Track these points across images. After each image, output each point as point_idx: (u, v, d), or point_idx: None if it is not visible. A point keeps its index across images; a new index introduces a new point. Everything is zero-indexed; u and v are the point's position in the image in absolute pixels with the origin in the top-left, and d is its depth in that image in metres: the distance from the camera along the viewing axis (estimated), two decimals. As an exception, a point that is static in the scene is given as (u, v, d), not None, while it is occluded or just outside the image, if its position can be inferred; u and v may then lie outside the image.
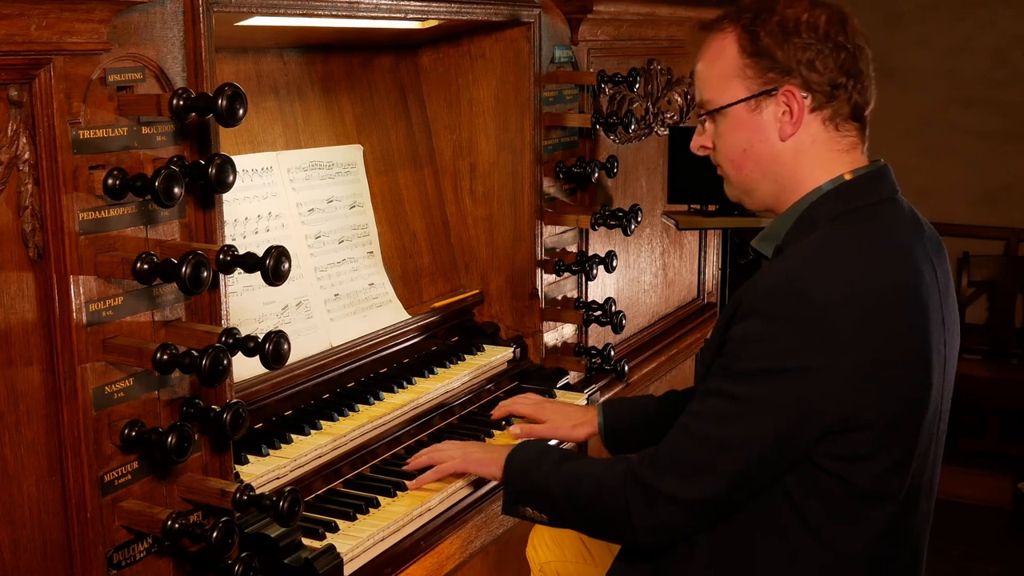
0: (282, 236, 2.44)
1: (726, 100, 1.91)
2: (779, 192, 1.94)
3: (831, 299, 1.73)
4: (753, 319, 1.78)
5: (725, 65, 1.91)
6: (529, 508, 2.08)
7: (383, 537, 2.08)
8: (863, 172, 1.90)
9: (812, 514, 1.83)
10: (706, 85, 1.96)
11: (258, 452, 2.12)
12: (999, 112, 6.39)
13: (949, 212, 6.46)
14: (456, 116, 2.98)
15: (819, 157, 1.89)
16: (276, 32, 2.40)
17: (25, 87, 1.52)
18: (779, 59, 1.85)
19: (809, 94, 1.86)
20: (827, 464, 1.79)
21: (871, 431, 1.77)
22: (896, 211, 1.90)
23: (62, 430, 1.62)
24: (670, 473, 1.86)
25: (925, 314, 1.80)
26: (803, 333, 1.73)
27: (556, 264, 3.01)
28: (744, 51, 1.88)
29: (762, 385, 1.77)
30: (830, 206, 1.86)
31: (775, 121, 1.89)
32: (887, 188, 1.91)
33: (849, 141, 1.91)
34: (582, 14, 2.97)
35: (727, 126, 1.93)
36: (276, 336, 1.72)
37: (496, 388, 2.82)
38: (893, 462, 1.81)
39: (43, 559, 1.62)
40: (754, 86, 1.88)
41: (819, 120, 1.88)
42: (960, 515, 5.47)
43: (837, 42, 1.85)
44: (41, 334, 1.59)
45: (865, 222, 1.85)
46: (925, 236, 1.92)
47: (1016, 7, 6.32)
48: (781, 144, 1.89)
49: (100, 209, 1.63)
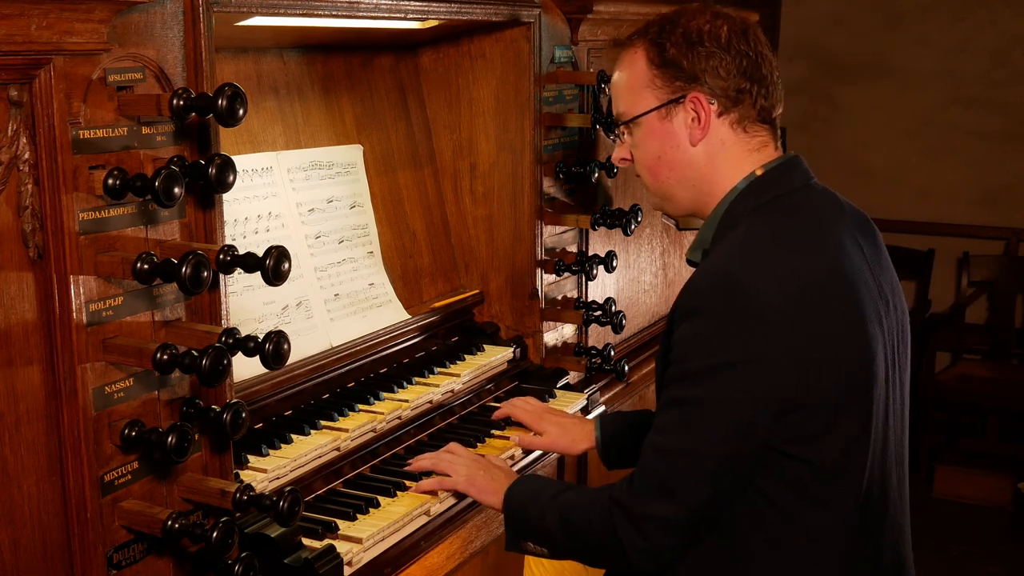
0: (282, 236, 2.44)
1: (638, 110, 2.01)
2: (697, 196, 2.02)
3: (758, 287, 1.78)
4: (689, 320, 1.84)
5: (636, 77, 2.01)
6: (531, 543, 2.10)
7: (383, 537, 2.08)
8: (773, 165, 1.98)
9: (785, 502, 1.86)
10: (620, 98, 2.07)
11: (258, 452, 2.12)
12: (999, 112, 6.39)
13: (949, 212, 6.46)
14: (456, 116, 2.98)
15: (731, 159, 1.98)
16: (276, 32, 2.40)
17: (25, 87, 1.52)
18: (685, 68, 1.95)
19: (715, 100, 1.95)
20: (788, 448, 1.83)
21: (822, 409, 1.81)
22: (812, 196, 1.97)
23: (62, 430, 1.62)
24: (651, 495, 1.88)
25: (855, 289, 1.85)
26: (737, 326, 1.78)
27: (556, 264, 3.01)
28: (652, 63, 1.99)
29: (711, 383, 1.80)
30: (746, 202, 1.95)
31: (685, 128, 1.98)
32: (800, 176, 1.98)
33: (759, 140, 1.99)
34: (582, 14, 2.97)
35: (641, 135, 2.03)
36: (276, 336, 1.72)
37: (496, 388, 2.81)
38: (851, 436, 1.85)
39: (43, 559, 1.62)
40: (663, 95, 1.98)
41: (727, 124, 1.97)
42: (960, 515, 5.48)
43: (739, 50, 1.94)
44: (41, 334, 1.58)
45: (782, 211, 1.93)
46: (847, 216, 1.97)
47: (1016, 7, 6.32)
48: (693, 149, 1.98)
49: (100, 209, 1.63)
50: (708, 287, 1.84)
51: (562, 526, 2.02)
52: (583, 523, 1.99)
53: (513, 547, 2.14)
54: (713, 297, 1.81)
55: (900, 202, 6.46)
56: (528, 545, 2.11)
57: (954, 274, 6.36)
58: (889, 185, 6.55)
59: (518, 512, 2.11)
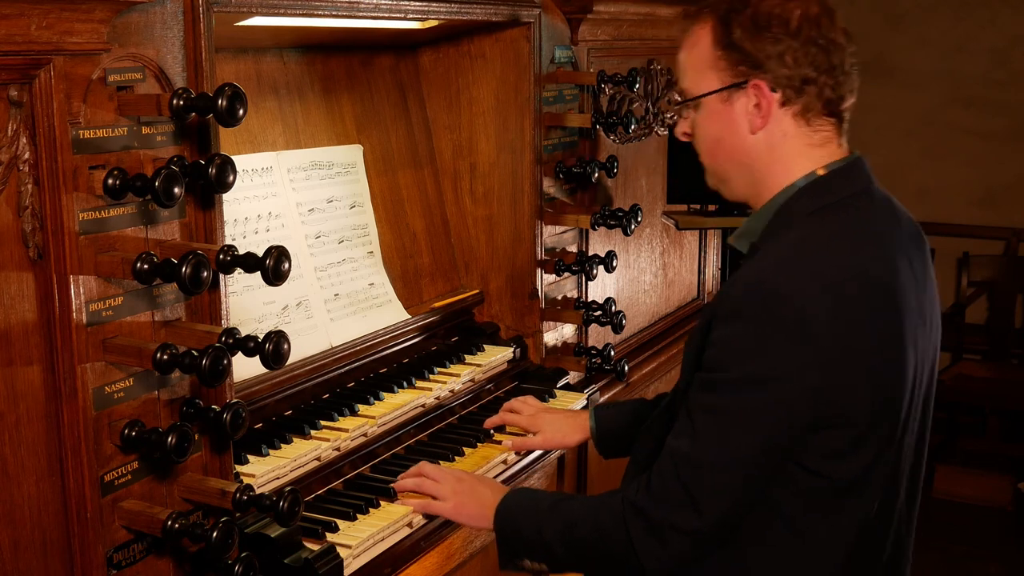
0: (282, 236, 2.44)
1: (700, 90, 1.93)
2: (753, 184, 1.94)
3: (806, 298, 1.73)
4: (731, 323, 1.78)
5: (701, 55, 1.92)
6: (527, 560, 2.04)
7: (383, 537, 2.08)
8: (836, 166, 1.90)
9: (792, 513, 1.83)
10: (684, 74, 1.98)
11: (258, 452, 2.12)
12: (999, 112, 6.39)
13: (949, 212, 6.46)
14: (456, 116, 2.98)
15: (791, 152, 1.90)
16: (276, 32, 2.40)
17: (25, 87, 1.52)
18: (749, 53, 1.85)
19: (778, 89, 1.86)
20: (811, 463, 1.79)
21: (851, 427, 1.78)
22: (871, 204, 1.91)
23: (62, 430, 1.62)
24: (672, 503, 1.82)
25: (900, 308, 1.81)
26: (778, 337, 1.73)
27: (556, 264, 3.01)
28: (718, 42, 1.89)
29: (747, 393, 1.76)
30: (804, 202, 1.87)
31: (745, 114, 1.89)
32: (861, 180, 1.92)
33: (822, 136, 1.91)
34: (582, 14, 2.97)
35: (702, 115, 1.95)
36: (276, 336, 1.72)
37: (496, 388, 2.81)
38: (873, 456, 1.81)
39: (43, 559, 1.62)
40: (726, 78, 1.89)
41: (790, 115, 1.88)
42: (960, 515, 5.48)
43: (809, 37, 1.84)
44: (41, 334, 1.58)
45: (838, 217, 1.86)
46: (902, 227, 1.92)
47: (1016, 7, 6.32)
48: (752, 137, 1.90)
49: (100, 209, 1.63)
50: (753, 293, 1.77)
51: (563, 538, 1.96)
52: (589, 532, 1.92)
53: (508, 566, 2.07)
54: (759, 305, 1.75)
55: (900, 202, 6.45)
56: (524, 563, 2.05)
57: (954, 274, 6.36)
58: (889, 185, 6.44)
59: (510, 529, 2.05)
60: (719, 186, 2.02)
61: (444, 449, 2.45)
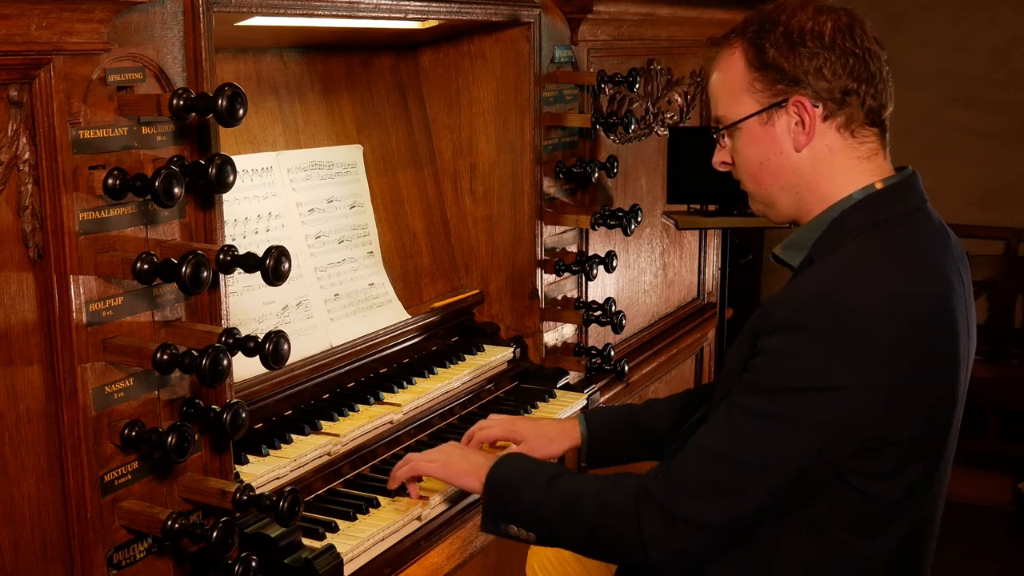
0: (282, 236, 2.44)
1: (738, 115, 1.91)
2: (800, 203, 1.92)
3: (870, 312, 1.70)
4: (788, 333, 1.74)
5: (734, 80, 1.90)
6: (514, 527, 1.99)
7: (383, 537, 2.08)
8: (894, 181, 1.88)
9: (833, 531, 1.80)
10: (719, 101, 1.96)
11: (258, 452, 2.12)
12: (999, 112, 6.39)
13: (949, 212, 6.41)
14: (456, 116, 2.98)
15: (839, 166, 1.88)
16: (276, 32, 2.40)
17: (25, 87, 1.52)
18: (786, 70, 1.84)
19: (820, 103, 1.84)
20: (857, 481, 1.76)
21: (902, 446, 1.75)
22: (928, 221, 1.88)
23: (62, 430, 1.62)
24: (693, 495, 1.79)
25: (955, 327, 1.78)
26: (842, 348, 1.70)
27: (556, 264, 3.01)
28: (751, 65, 1.88)
29: (798, 402, 1.72)
30: (863, 216, 1.84)
31: (788, 133, 1.87)
32: (917, 198, 1.89)
33: (868, 148, 1.89)
34: (582, 14, 2.97)
35: (743, 141, 1.92)
36: (276, 336, 1.72)
37: (496, 388, 2.81)
38: (920, 476, 1.79)
39: (43, 559, 1.62)
40: (764, 99, 1.88)
41: (833, 128, 1.86)
42: (960, 515, 5.47)
43: (845, 47, 1.83)
44: (41, 334, 1.59)
45: (899, 233, 1.83)
46: (952, 246, 1.89)
47: (1016, 7, 6.32)
48: (797, 155, 1.88)
49: (100, 209, 1.63)
50: (814, 304, 1.73)
51: (563, 514, 1.91)
52: (593, 511, 1.87)
53: (491, 529, 2.02)
54: (820, 316, 1.71)
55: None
56: (511, 528, 1.99)
57: (954, 274, 6.36)
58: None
59: (503, 493, 2.00)
60: (765, 211, 1.99)
61: (444, 449, 2.45)
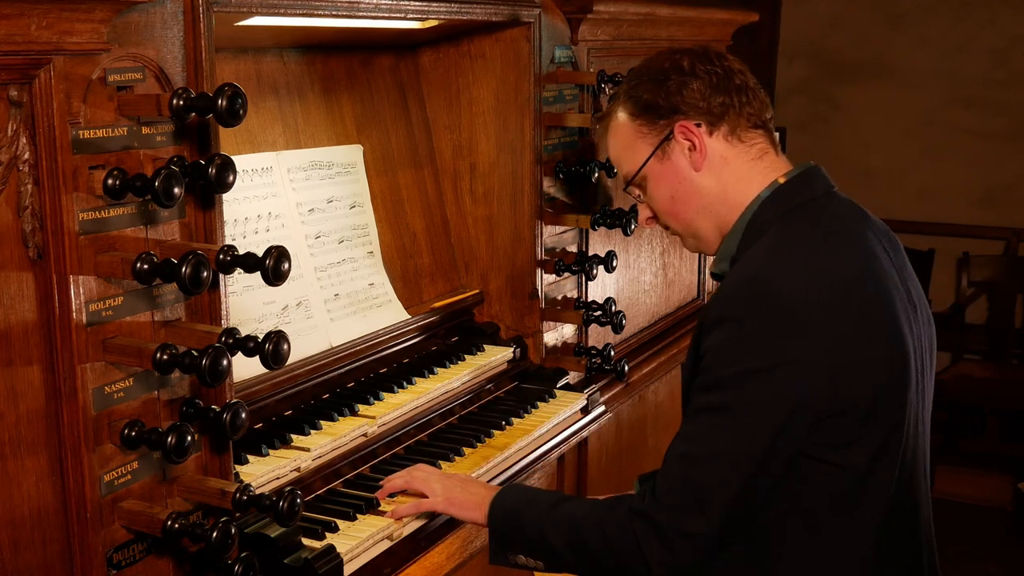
0: (282, 236, 2.44)
1: (638, 163, 2.06)
2: (718, 220, 2.03)
3: (794, 290, 1.78)
4: (722, 326, 1.82)
5: (625, 137, 2.07)
6: (522, 556, 2.05)
7: (383, 537, 2.08)
8: (795, 173, 1.99)
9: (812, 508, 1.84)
10: (620, 162, 2.13)
11: (258, 452, 2.12)
12: (999, 112, 6.40)
13: (949, 212, 6.46)
14: (456, 116, 2.98)
15: (738, 171, 2.00)
16: (276, 32, 2.40)
17: (25, 87, 1.52)
18: (662, 105, 2.00)
19: (701, 121, 1.98)
20: (820, 454, 1.81)
21: (857, 413, 1.80)
22: (838, 202, 1.98)
23: (62, 430, 1.62)
24: (682, 508, 1.84)
25: (887, 291, 1.85)
26: (773, 328, 1.77)
27: (556, 264, 3.01)
28: (633, 115, 2.05)
29: (746, 388, 1.78)
30: (772, 209, 1.95)
31: (684, 157, 2.00)
32: (823, 183, 2.00)
33: (759, 148, 2.01)
34: (582, 14, 2.97)
35: (651, 185, 2.07)
36: (276, 336, 1.72)
37: (496, 388, 2.82)
38: (882, 441, 1.83)
39: (43, 559, 1.62)
40: (654, 139, 2.03)
41: (721, 139, 1.99)
42: (960, 515, 5.48)
43: (705, 70, 1.98)
44: (41, 334, 1.58)
45: (809, 216, 1.93)
46: (872, 224, 1.98)
47: (1016, 7, 6.32)
48: (699, 176, 2.01)
49: (100, 209, 1.63)
50: (741, 293, 1.82)
51: (569, 541, 1.97)
52: (596, 539, 1.93)
53: (500, 560, 2.07)
54: (747, 302, 1.79)
55: (900, 202, 6.46)
56: (519, 558, 2.05)
57: (954, 274, 6.36)
58: (889, 185, 6.54)
59: (509, 524, 2.05)
60: (697, 244, 2.12)
61: (444, 449, 2.45)
